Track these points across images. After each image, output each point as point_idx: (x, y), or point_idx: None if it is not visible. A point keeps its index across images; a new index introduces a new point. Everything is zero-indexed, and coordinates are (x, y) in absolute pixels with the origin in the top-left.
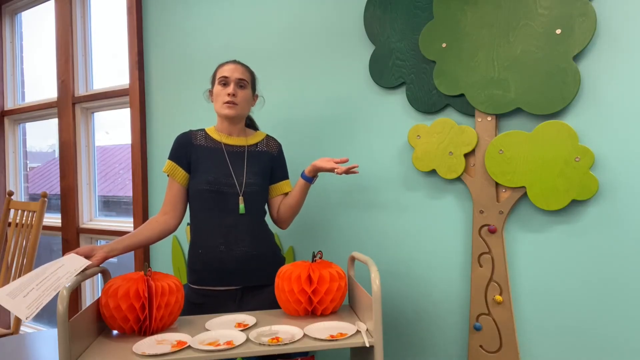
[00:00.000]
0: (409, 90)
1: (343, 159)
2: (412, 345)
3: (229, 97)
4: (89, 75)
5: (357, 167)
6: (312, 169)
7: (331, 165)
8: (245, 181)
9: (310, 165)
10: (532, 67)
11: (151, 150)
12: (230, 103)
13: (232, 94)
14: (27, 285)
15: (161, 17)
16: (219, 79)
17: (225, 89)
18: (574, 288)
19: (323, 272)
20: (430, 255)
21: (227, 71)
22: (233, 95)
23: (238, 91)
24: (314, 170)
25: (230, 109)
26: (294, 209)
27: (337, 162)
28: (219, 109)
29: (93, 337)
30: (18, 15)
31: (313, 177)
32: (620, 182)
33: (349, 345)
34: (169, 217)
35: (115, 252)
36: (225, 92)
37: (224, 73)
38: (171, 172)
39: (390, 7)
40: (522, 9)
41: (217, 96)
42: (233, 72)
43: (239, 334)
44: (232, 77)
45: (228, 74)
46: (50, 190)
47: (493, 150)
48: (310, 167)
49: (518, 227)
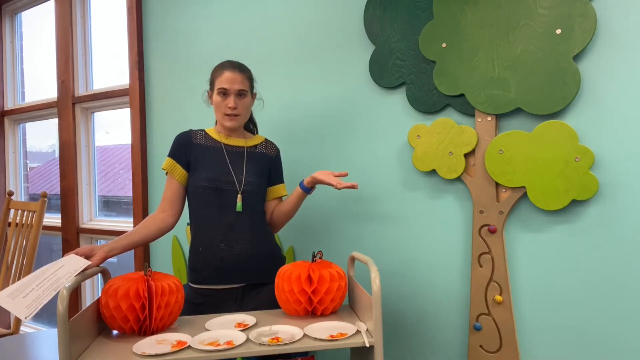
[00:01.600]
0: (409, 90)
1: (342, 173)
2: (412, 345)
3: (230, 110)
4: (89, 75)
5: (356, 185)
6: (312, 181)
7: (331, 180)
8: (245, 180)
9: (309, 177)
10: (532, 67)
11: (151, 150)
12: (231, 115)
13: (233, 107)
14: (27, 286)
15: (161, 17)
16: (218, 89)
17: (226, 101)
18: (574, 288)
19: (323, 272)
20: (430, 255)
21: (226, 82)
22: (234, 108)
23: (238, 102)
24: (314, 182)
25: (232, 121)
26: (287, 216)
27: (337, 175)
28: (221, 120)
29: (93, 337)
30: (18, 15)
31: (311, 188)
32: (620, 182)
33: (349, 345)
34: (167, 215)
35: (115, 252)
36: (226, 104)
37: (223, 84)
38: (170, 169)
39: (390, 7)
40: (522, 9)
41: (218, 106)
42: (232, 83)
43: (239, 334)
44: (231, 89)
45: (227, 86)
46: (50, 190)
47: (493, 150)
48: (309, 179)
49: (518, 227)
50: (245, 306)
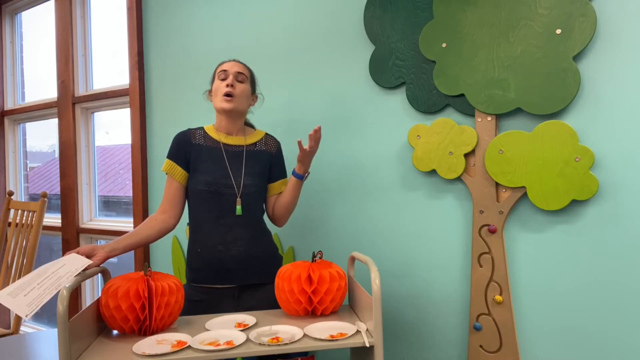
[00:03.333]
0: (409, 90)
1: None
2: (412, 345)
3: (228, 88)
4: (89, 75)
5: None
6: (300, 165)
7: (302, 148)
8: (243, 182)
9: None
10: (532, 67)
11: (151, 150)
12: (228, 95)
13: (230, 84)
14: (28, 285)
15: (161, 17)
16: (218, 73)
17: (224, 82)
18: (574, 288)
19: (323, 272)
20: (430, 255)
21: (226, 66)
22: (231, 86)
23: (237, 84)
24: (301, 164)
25: (229, 102)
26: (288, 207)
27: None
28: (218, 103)
29: (93, 337)
30: (18, 15)
31: (304, 173)
32: (620, 182)
33: (349, 345)
34: (167, 216)
35: (116, 252)
36: (224, 84)
37: (224, 67)
38: (170, 170)
39: (390, 7)
40: (522, 9)
41: (216, 90)
42: (232, 66)
43: (239, 334)
44: (231, 70)
45: (227, 68)
46: (50, 190)
47: (493, 150)
48: (297, 164)
49: (518, 227)
50: (242, 304)
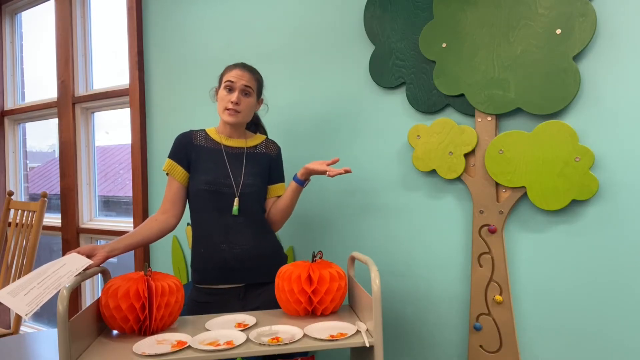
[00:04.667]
0: (409, 90)
1: (334, 160)
2: (412, 345)
3: (232, 104)
4: (89, 75)
5: (349, 169)
6: (305, 172)
7: (323, 168)
8: (243, 182)
9: (302, 168)
10: (532, 67)
11: (151, 150)
12: (232, 110)
13: (235, 102)
14: (29, 284)
15: (161, 17)
16: (225, 82)
17: (229, 96)
18: (574, 288)
19: (323, 272)
20: (430, 255)
21: (233, 76)
22: (236, 103)
23: (242, 99)
24: (307, 173)
25: (232, 116)
26: (284, 212)
27: (329, 163)
28: (221, 113)
29: (93, 337)
30: (18, 15)
31: (305, 180)
32: (620, 182)
33: (349, 345)
34: (168, 216)
35: (116, 252)
36: (229, 98)
37: (231, 77)
38: (171, 170)
39: (390, 7)
40: (522, 9)
41: (221, 100)
42: (240, 78)
43: (239, 334)
44: (237, 83)
45: (234, 79)
46: (50, 190)
47: (493, 150)
48: (302, 170)
49: (518, 227)
50: (248, 305)
